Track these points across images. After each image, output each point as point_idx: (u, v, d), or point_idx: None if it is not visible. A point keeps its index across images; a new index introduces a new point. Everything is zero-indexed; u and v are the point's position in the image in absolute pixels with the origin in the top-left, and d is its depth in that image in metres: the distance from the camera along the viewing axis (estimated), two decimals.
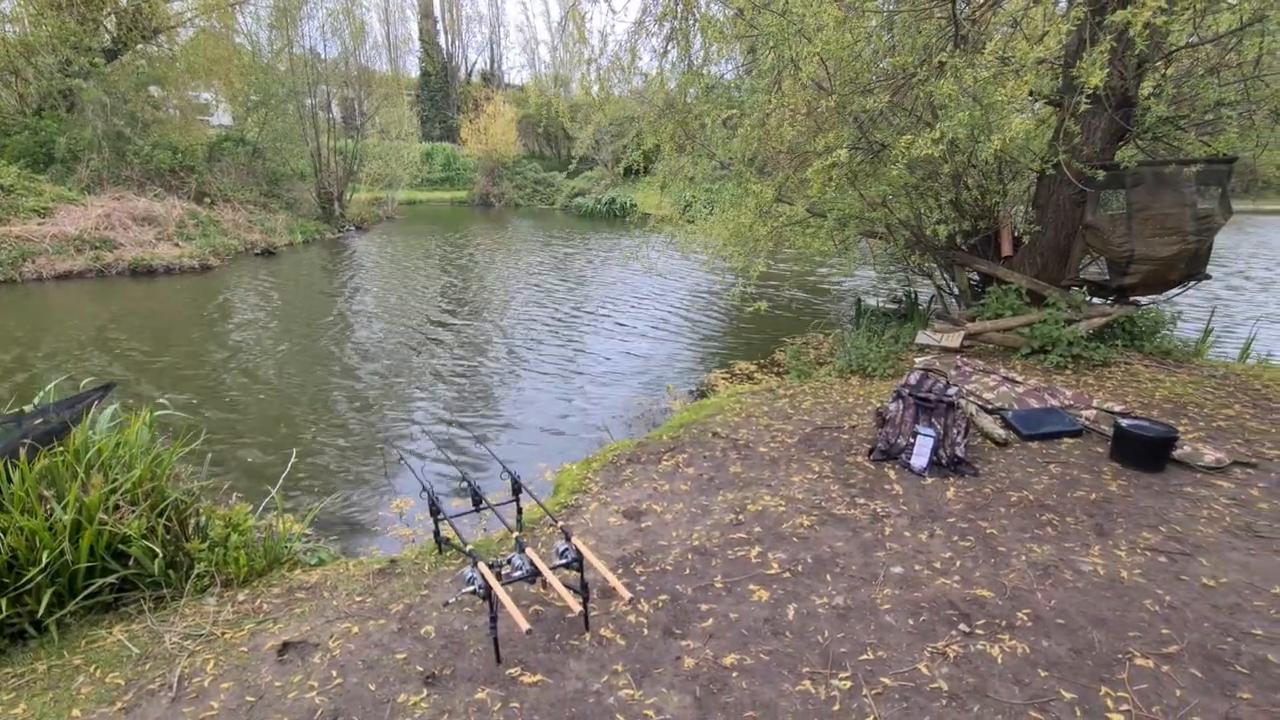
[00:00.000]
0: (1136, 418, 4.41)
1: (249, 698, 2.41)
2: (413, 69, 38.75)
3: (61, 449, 3.07)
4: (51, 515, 2.81)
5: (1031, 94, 5.59)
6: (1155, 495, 3.69)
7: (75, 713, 2.36)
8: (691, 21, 7.28)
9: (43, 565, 2.67)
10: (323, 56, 21.17)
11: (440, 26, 39.84)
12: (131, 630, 2.80)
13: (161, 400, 6.21)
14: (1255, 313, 9.46)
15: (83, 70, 15.39)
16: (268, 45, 20.31)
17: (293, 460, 4.69)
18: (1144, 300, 6.53)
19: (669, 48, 7.60)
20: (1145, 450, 3.96)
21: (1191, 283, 6.32)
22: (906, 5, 6.23)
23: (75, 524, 2.82)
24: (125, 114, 16.02)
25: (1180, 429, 4.33)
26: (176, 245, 14.01)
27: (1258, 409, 4.86)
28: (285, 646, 2.68)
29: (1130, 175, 5.66)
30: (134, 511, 2.95)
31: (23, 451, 2.87)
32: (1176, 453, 4.02)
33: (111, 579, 2.88)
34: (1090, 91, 4.76)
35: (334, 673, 2.52)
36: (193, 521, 3.25)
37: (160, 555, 2.94)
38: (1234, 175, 6.05)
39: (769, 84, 6.24)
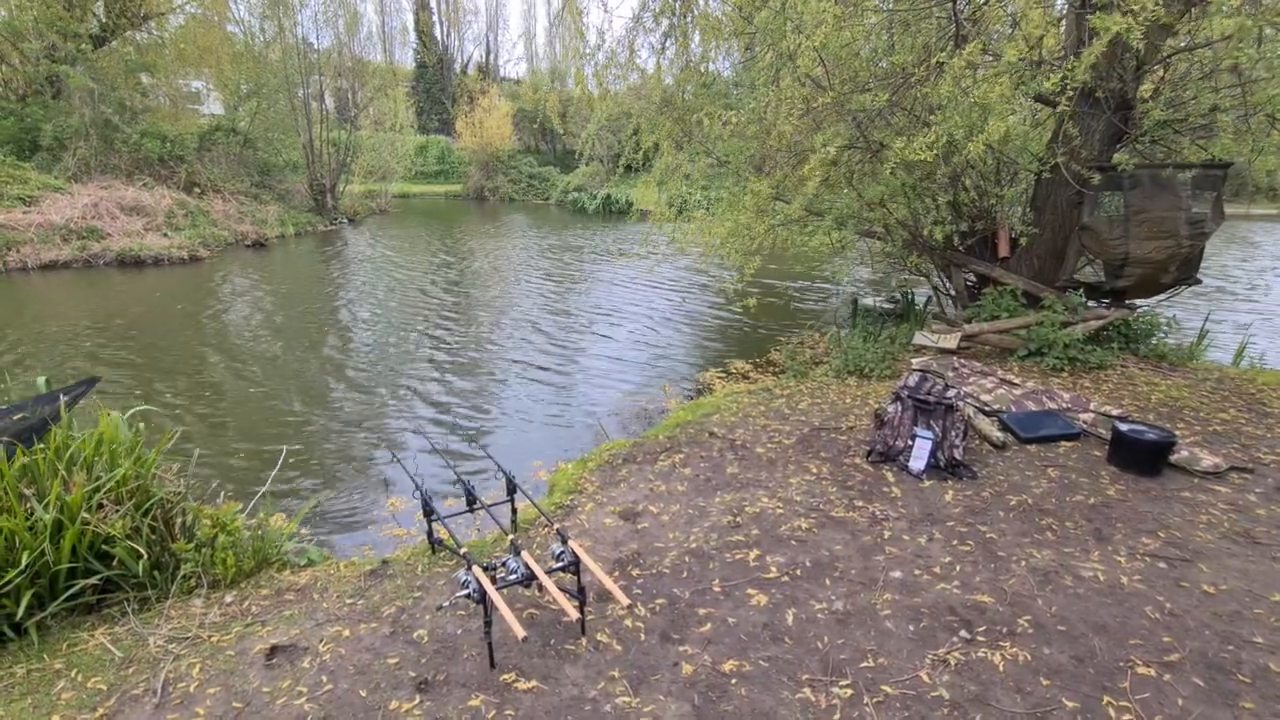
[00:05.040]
0: (1134, 421, 4.40)
1: (236, 703, 2.35)
2: (408, 60, 38.38)
3: (42, 446, 2.98)
4: (32, 515, 2.73)
5: (1028, 92, 5.57)
6: (1153, 500, 3.68)
7: (55, 718, 2.29)
8: (690, 19, 7.21)
9: (22, 566, 2.60)
10: (316, 46, 20.91)
11: (436, 18, 39.48)
12: (115, 633, 2.72)
13: (147, 395, 6.12)
14: (1248, 317, 9.52)
15: (69, 56, 15.12)
16: (260, 34, 20.04)
17: (283, 458, 4.61)
18: (1139, 303, 6.55)
19: (667, 44, 7.53)
20: (1143, 454, 3.96)
21: (1183, 286, 6.35)
22: (906, 4, 6.19)
23: (56, 523, 2.75)
24: (113, 101, 15.77)
25: (1177, 433, 4.32)
26: (165, 236, 13.80)
27: (1253, 413, 4.87)
28: (274, 650, 2.61)
29: (1128, 178, 5.67)
30: (118, 511, 2.87)
31: (1, 449, 2.79)
32: (1174, 457, 4.01)
33: (94, 580, 2.80)
34: (1077, 89, 4.73)
35: (324, 678, 2.46)
36: (179, 521, 3.17)
37: (145, 556, 2.87)
38: (1227, 180, 6.06)
39: (767, 80, 6.18)
